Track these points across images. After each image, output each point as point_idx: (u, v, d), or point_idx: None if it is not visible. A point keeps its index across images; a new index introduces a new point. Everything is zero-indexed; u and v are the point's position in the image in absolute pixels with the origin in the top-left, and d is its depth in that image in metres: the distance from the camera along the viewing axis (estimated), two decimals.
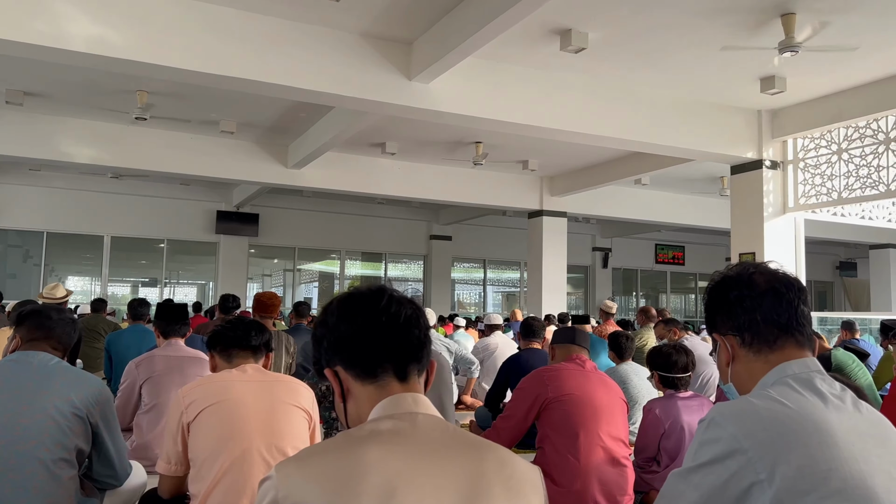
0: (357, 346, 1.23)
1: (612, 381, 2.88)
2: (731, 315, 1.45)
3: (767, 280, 1.44)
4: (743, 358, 1.43)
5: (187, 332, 3.55)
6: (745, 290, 1.44)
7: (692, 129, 8.44)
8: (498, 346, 5.75)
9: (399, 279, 18.33)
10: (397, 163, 11.62)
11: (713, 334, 1.50)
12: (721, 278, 1.50)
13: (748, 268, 1.48)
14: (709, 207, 13.79)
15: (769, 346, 1.40)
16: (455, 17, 6.13)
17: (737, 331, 1.44)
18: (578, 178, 12.41)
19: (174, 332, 3.45)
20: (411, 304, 1.29)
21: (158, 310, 3.69)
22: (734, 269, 1.50)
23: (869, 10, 5.92)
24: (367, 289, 1.30)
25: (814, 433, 1.23)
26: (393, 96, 6.90)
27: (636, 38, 6.67)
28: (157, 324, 3.53)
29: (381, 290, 1.29)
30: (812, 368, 1.36)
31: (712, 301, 1.50)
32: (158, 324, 3.52)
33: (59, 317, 2.31)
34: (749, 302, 1.42)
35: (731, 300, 1.45)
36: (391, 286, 1.33)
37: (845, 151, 8.48)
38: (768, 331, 1.40)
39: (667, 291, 20.90)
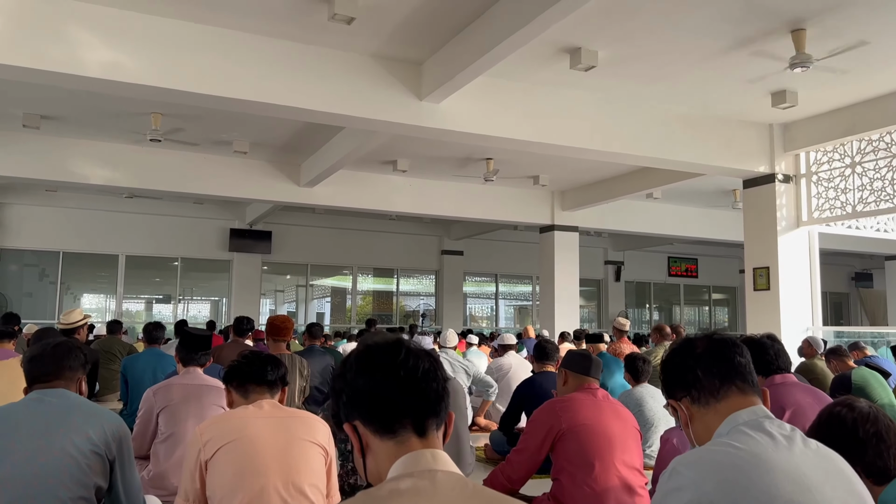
0: (375, 401, 1.24)
1: (625, 409, 2.87)
2: (679, 379, 1.62)
3: (704, 342, 1.64)
4: (697, 415, 1.58)
5: (207, 361, 3.56)
6: (687, 354, 1.63)
7: (703, 144, 8.42)
8: (512, 367, 5.73)
9: (411, 294, 18.34)
10: (408, 179, 11.66)
11: (670, 402, 1.66)
12: (670, 352, 1.69)
13: (689, 337, 1.69)
14: (721, 220, 13.73)
15: (715, 398, 1.55)
16: (465, 38, 6.17)
17: (685, 390, 1.60)
18: (589, 192, 12.40)
19: (194, 362, 3.46)
20: (428, 356, 1.29)
21: (182, 338, 3.68)
22: (678, 341, 1.71)
23: (879, 24, 5.90)
24: (384, 342, 1.30)
25: (765, 472, 1.34)
26: (404, 116, 6.94)
27: (646, 55, 6.68)
28: (179, 351, 3.54)
29: (398, 343, 1.29)
30: (760, 414, 1.49)
31: (665, 372, 1.67)
32: (180, 351, 3.53)
33: (63, 353, 2.32)
34: (691, 362, 1.60)
35: (677, 365, 1.63)
36: (408, 338, 1.34)
37: (859, 165, 8.42)
38: (710, 383, 1.56)
39: (680, 304, 20.77)
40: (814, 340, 6.34)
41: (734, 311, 21.04)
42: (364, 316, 17.60)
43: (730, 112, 8.34)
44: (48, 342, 2.35)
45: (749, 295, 9.07)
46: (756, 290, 8.93)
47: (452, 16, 5.92)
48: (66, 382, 2.31)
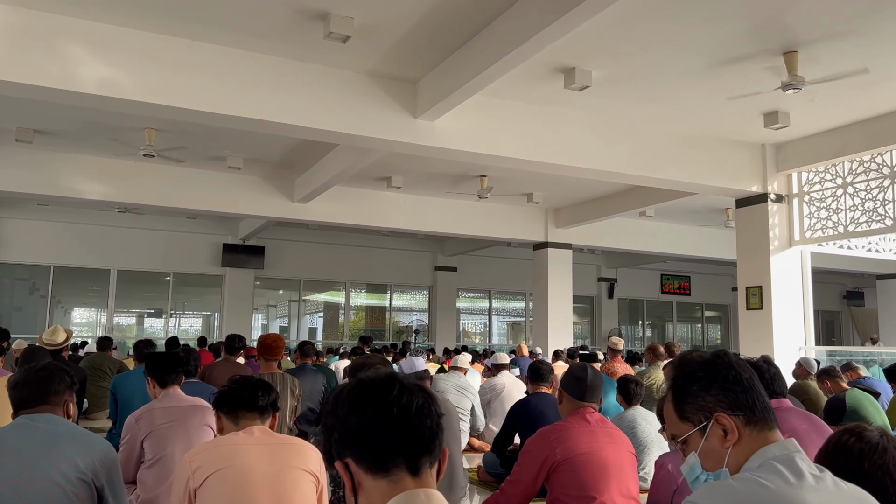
0: (368, 440, 1.21)
1: (620, 434, 2.85)
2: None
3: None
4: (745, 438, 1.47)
5: (182, 379, 3.48)
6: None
7: (696, 163, 8.47)
8: (505, 387, 5.70)
9: (404, 309, 18.30)
10: (403, 196, 11.67)
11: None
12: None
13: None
14: (714, 238, 13.78)
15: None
16: (460, 58, 6.20)
17: (739, 409, 1.48)
18: (583, 210, 12.43)
19: (172, 381, 3.39)
20: (422, 392, 1.27)
21: (149, 360, 3.52)
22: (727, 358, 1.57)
23: (870, 46, 5.96)
24: (377, 377, 1.28)
25: None
26: (399, 134, 6.96)
27: (640, 75, 6.72)
28: (153, 374, 3.42)
29: (391, 379, 1.27)
30: (791, 449, 1.40)
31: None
32: (154, 374, 3.42)
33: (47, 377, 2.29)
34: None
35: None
36: (400, 361, 1.31)
37: (850, 185, 8.48)
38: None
39: (673, 321, 20.79)
40: (806, 362, 6.34)
41: (727, 328, 21.07)
42: (357, 332, 17.53)
43: (723, 132, 8.39)
44: (33, 366, 2.32)
45: (742, 314, 9.08)
46: (749, 309, 8.94)
47: (448, 35, 5.95)
48: (52, 407, 2.27)
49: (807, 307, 8.95)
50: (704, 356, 1.54)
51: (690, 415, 1.50)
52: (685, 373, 1.53)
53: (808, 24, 5.56)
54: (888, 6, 5.24)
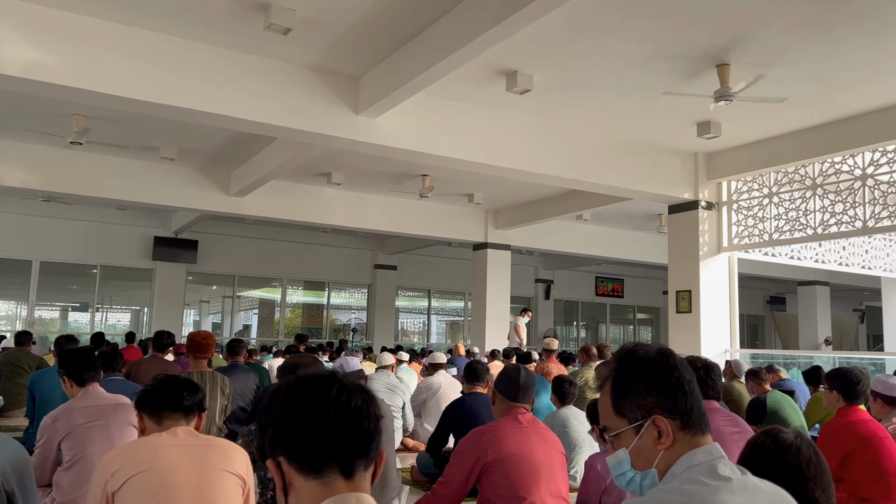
0: (302, 439, 1.17)
1: (550, 434, 2.88)
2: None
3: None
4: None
5: (101, 376, 3.32)
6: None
7: (632, 169, 8.68)
8: (441, 386, 5.71)
9: (342, 307, 18.12)
10: (343, 193, 11.54)
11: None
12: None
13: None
14: (647, 243, 14.15)
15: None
16: (403, 56, 6.17)
17: (674, 412, 1.47)
18: (523, 212, 12.59)
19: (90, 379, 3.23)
20: (362, 393, 1.23)
21: (63, 358, 3.34)
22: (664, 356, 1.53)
23: (798, 65, 6.23)
24: (316, 376, 1.24)
25: None
26: (339, 130, 6.88)
27: (579, 81, 6.84)
28: (69, 373, 3.23)
29: (330, 378, 1.23)
30: (716, 454, 1.42)
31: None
32: (70, 373, 3.23)
33: None
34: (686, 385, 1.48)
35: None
36: (342, 372, 1.28)
37: (776, 195, 8.85)
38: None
39: (606, 322, 21.28)
40: (736, 365, 6.58)
41: (657, 330, 21.69)
42: (293, 329, 17.25)
43: (657, 140, 8.62)
44: None
45: (672, 317, 9.37)
46: (678, 313, 9.23)
47: (392, 32, 5.92)
48: None
49: (733, 311, 9.30)
50: (650, 353, 1.50)
51: (628, 411, 1.48)
52: (629, 368, 1.50)
53: (738, 39, 5.76)
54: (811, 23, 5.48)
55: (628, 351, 1.53)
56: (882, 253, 11.51)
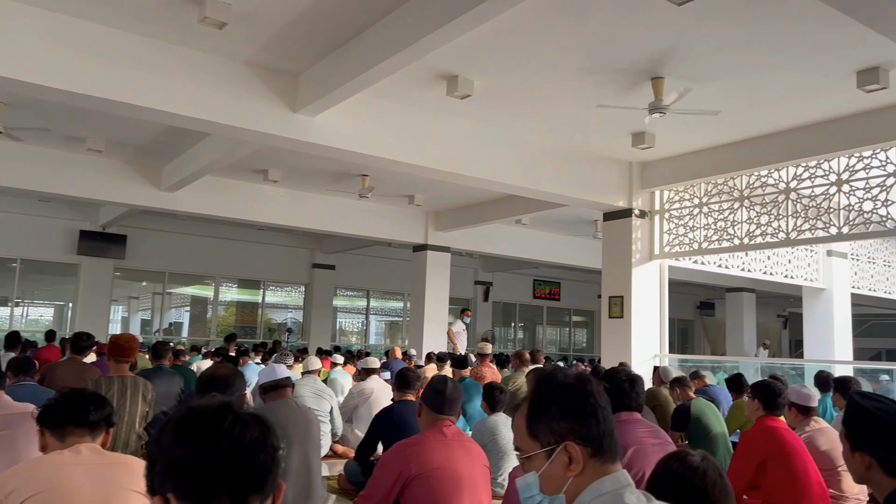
0: (191, 474, 1.10)
1: (475, 447, 2.87)
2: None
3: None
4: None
5: (6, 383, 3.12)
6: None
7: (568, 177, 8.81)
8: (374, 391, 5.64)
9: (278, 306, 17.80)
10: (280, 190, 11.33)
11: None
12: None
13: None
14: (583, 248, 14.40)
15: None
16: (343, 55, 6.09)
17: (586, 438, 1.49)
18: (463, 214, 12.62)
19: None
20: (259, 424, 1.16)
21: None
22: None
23: (728, 81, 6.44)
24: (208, 406, 1.17)
25: None
26: (276, 128, 6.74)
27: (519, 89, 6.90)
28: None
29: (224, 408, 1.16)
30: (623, 483, 1.43)
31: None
32: None
33: None
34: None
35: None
36: (237, 403, 1.21)
37: (705, 205, 9.13)
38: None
39: (543, 324, 21.58)
40: (664, 371, 6.74)
41: (592, 333, 22.12)
42: (226, 328, 16.84)
43: (594, 148, 8.77)
44: None
45: (604, 321, 9.55)
46: (611, 318, 9.42)
47: (332, 31, 5.83)
48: None
49: (663, 317, 9.54)
50: (568, 378, 1.51)
51: (541, 435, 1.48)
52: (546, 392, 1.50)
53: (672, 53, 5.91)
54: (742, 43, 5.67)
55: (547, 374, 1.53)
56: (804, 263, 12.03)
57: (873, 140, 7.10)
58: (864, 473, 1.86)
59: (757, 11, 5.16)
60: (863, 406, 1.86)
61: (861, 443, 1.85)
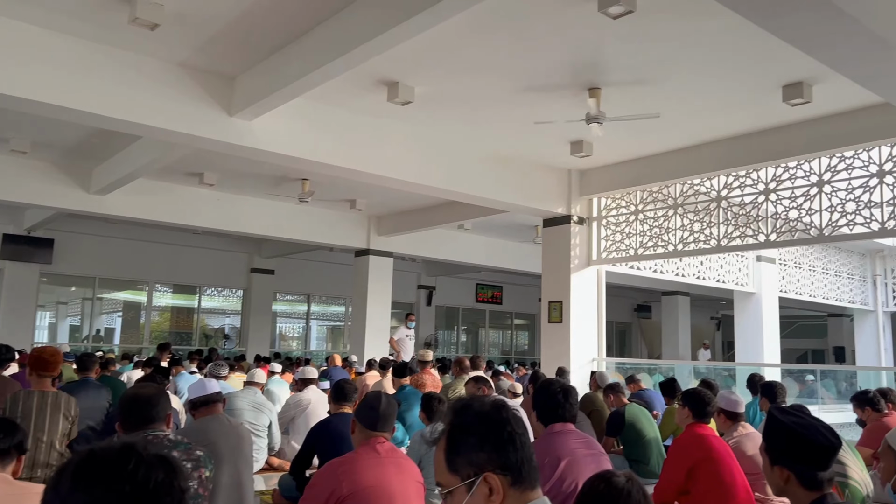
0: None
1: (408, 463, 2.84)
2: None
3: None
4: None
5: None
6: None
7: (509, 183, 8.89)
8: (311, 402, 5.54)
9: (216, 311, 17.37)
10: (216, 194, 11.05)
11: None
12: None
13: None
14: (525, 253, 14.56)
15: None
16: (282, 59, 5.99)
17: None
18: (405, 219, 12.59)
19: None
20: (165, 465, 1.11)
21: None
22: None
23: (662, 92, 6.61)
24: (110, 449, 1.11)
25: None
26: (211, 131, 6.57)
27: (460, 96, 6.92)
28: None
29: (128, 449, 1.10)
30: None
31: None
32: None
33: None
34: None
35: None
36: (144, 444, 1.14)
37: (641, 213, 9.35)
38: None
39: (486, 328, 21.73)
40: (600, 376, 6.86)
41: (533, 336, 22.39)
42: (160, 334, 16.35)
43: (534, 156, 8.88)
44: None
45: (544, 326, 9.68)
46: (550, 323, 9.54)
47: (269, 35, 5.72)
48: None
49: (600, 322, 9.73)
50: (484, 407, 1.51)
51: (460, 468, 1.47)
52: (462, 423, 1.49)
53: (609, 65, 6.03)
54: (676, 56, 5.83)
55: (463, 405, 1.53)
56: (735, 268, 12.47)
57: (798, 151, 7.41)
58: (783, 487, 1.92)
59: (690, 27, 5.31)
60: (781, 421, 1.92)
61: (779, 457, 1.91)
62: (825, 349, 20.56)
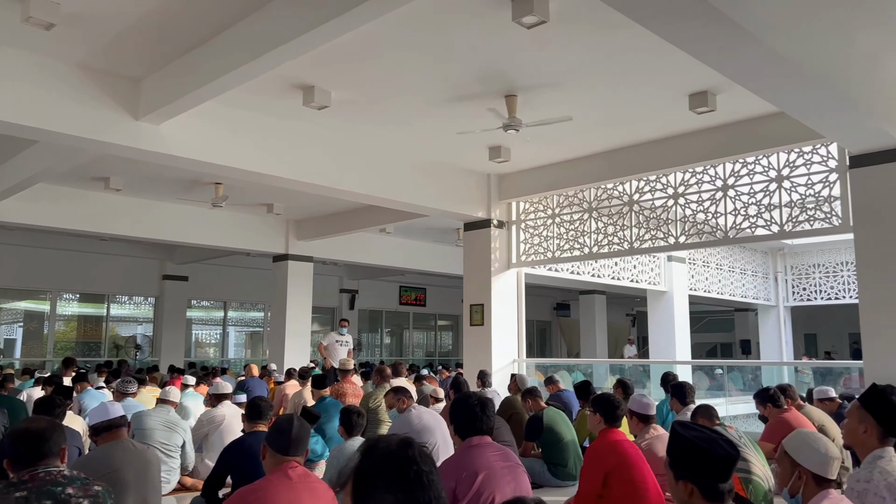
0: None
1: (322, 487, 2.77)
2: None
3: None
4: None
5: None
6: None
7: (429, 188, 8.90)
8: (226, 418, 5.35)
9: (127, 319, 16.62)
10: (124, 199, 10.55)
11: None
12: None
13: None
14: (448, 255, 14.61)
15: None
16: (191, 61, 5.78)
17: None
18: (325, 223, 12.40)
19: None
20: None
21: None
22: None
23: (577, 99, 6.76)
24: None
25: None
26: (116, 136, 6.27)
27: (378, 101, 6.86)
28: None
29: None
30: None
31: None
32: None
33: None
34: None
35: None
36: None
37: (558, 216, 9.55)
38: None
39: (410, 329, 21.73)
40: (520, 379, 6.95)
41: (457, 336, 22.54)
42: (66, 344, 15.52)
43: (454, 161, 8.92)
44: None
45: (466, 329, 9.74)
46: (472, 326, 9.62)
47: (178, 36, 5.52)
48: None
49: (520, 324, 9.87)
50: (391, 446, 1.47)
51: None
52: (370, 466, 1.45)
53: (524, 72, 6.12)
54: (588, 65, 5.97)
55: (369, 446, 1.49)
56: (647, 268, 12.93)
57: (704, 157, 7.74)
58: (687, 500, 1.98)
59: (602, 37, 5.44)
60: (683, 436, 1.98)
61: (683, 472, 1.97)
62: (732, 342, 21.63)
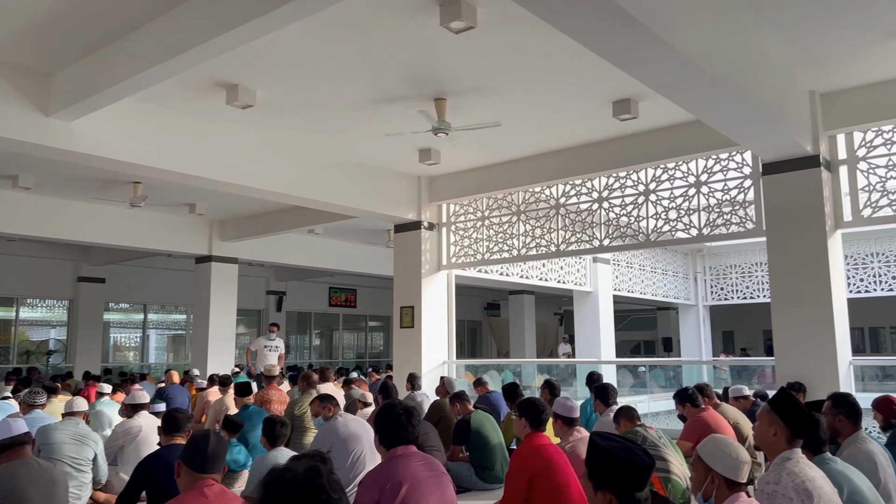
0: None
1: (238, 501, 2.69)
2: None
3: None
4: None
5: None
6: None
7: (359, 189, 8.82)
8: (142, 429, 5.11)
9: (39, 323, 15.77)
10: (34, 198, 10.01)
11: None
12: None
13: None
14: (378, 256, 14.52)
15: None
16: (107, 56, 5.53)
17: None
18: (251, 224, 12.10)
19: None
20: None
21: None
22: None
23: (505, 104, 6.83)
24: None
25: None
26: (23, 133, 5.95)
27: (306, 102, 6.74)
28: None
29: None
30: None
31: None
32: None
33: None
34: None
35: None
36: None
37: (487, 219, 9.62)
38: None
39: (340, 330, 21.48)
40: (448, 382, 6.96)
41: (388, 337, 22.43)
42: None
43: (384, 162, 8.86)
44: None
45: (396, 331, 9.70)
46: (402, 328, 9.58)
47: (90, 31, 5.28)
48: None
49: (451, 325, 9.90)
50: (297, 477, 1.44)
51: None
52: (275, 500, 1.42)
53: (453, 76, 6.13)
54: (517, 70, 6.03)
55: (275, 477, 1.46)
56: (574, 269, 13.20)
57: (627, 163, 7.96)
58: None
59: (528, 43, 5.51)
60: (601, 447, 2.01)
61: (602, 482, 2.00)
62: (655, 340, 22.35)
